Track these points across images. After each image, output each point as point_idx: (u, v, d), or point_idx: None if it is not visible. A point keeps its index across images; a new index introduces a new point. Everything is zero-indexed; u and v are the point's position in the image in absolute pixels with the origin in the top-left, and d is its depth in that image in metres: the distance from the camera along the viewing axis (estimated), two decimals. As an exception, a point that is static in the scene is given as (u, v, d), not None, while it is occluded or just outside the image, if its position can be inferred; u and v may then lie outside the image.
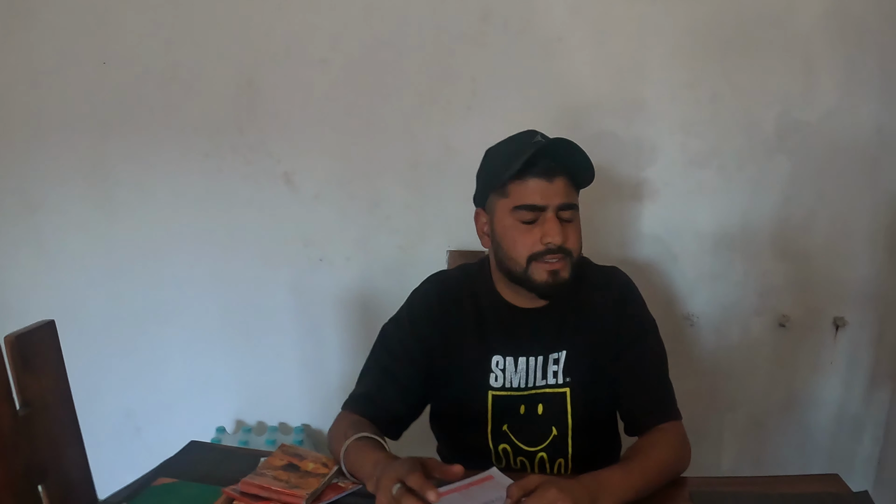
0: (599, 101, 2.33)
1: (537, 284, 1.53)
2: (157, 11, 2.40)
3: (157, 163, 2.49)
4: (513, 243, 1.53)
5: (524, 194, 1.50)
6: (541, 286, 1.53)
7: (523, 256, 1.52)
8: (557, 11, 2.29)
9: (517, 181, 1.51)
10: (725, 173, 2.35)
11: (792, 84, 2.30)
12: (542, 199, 1.50)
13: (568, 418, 1.62)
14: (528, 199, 1.50)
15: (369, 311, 2.47)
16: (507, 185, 1.52)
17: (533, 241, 1.51)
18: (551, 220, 1.50)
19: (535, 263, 1.51)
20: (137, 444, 2.57)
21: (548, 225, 1.50)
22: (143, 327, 2.58)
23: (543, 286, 1.53)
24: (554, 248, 1.50)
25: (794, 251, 2.32)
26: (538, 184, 1.50)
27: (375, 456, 1.39)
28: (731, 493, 1.45)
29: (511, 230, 1.53)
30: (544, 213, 1.51)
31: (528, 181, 1.50)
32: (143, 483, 1.47)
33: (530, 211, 1.50)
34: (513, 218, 1.52)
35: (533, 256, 1.51)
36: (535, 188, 1.50)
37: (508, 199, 1.52)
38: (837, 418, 2.44)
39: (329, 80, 2.39)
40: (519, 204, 1.51)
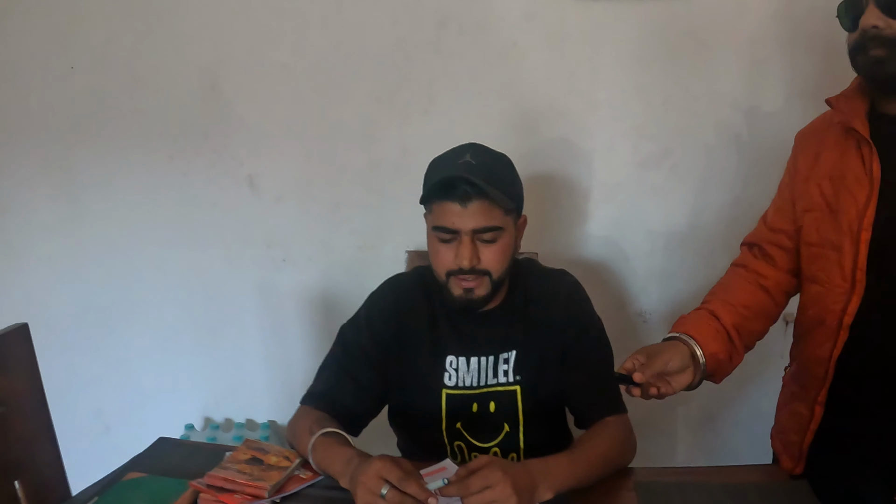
0: (553, 105, 2.39)
1: (454, 299, 1.60)
2: (123, 17, 2.43)
3: (123, 165, 2.52)
4: (434, 257, 1.61)
5: (441, 216, 1.55)
6: (456, 301, 1.60)
7: (442, 272, 1.59)
8: (512, 18, 2.34)
9: (437, 202, 1.56)
10: (676, 174, 2.42)
11: (741, 87, 2.36)
12: (456, 223, 1.54)
13: (519, 414, 1.68)
14: (444, 222, 1.55)
15: (332, 309, 2.52)
16: (431, 204, 1.58)
17: (449, 260, 1.57)
18: (465, 243, 1.54)
19: (453, 279, 1.58)
20: (107, 442, 2.60)
21: (461, 248, 1.55)
22: (112, 327, 2.61)
23: (458, 301, 1.60)
24: (466, 269, 1.56)
25: (743, 249, 2.38)
26: (453, 207, 1.53)
27: (346, 452, 1.45)
28: (674, 483, 1.51)
29: (432, 245, 1.60)
30: (459, 236, 1.55)
31: (444, 204, 1.54)
32: (113, 478, 1.51)
33: (446, 232, 1.56)
34: (433, 235, 1.59)
35: (450, 273, 1.58)
36: (451, 211, 1.53)
37: (431, 216, 1.59)
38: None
39: (291, 85, 2.43)
40: (436, 224, 1.57)
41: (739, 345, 1.61)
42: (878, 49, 1.39)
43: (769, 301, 1.68)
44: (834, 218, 1.50)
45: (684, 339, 1.54)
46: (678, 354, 1.49)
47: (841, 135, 1.54)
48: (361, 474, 1.31)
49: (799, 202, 1.62)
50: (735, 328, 1.60)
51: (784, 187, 1.71)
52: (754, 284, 1.69)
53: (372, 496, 1.28)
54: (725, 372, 1.61)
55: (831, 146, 1.56)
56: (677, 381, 1.49)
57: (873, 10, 1.39)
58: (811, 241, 1.58)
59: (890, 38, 1.38)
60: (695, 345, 1.53)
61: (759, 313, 1.66)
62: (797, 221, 1.63)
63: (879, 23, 1.38)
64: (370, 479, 1.29)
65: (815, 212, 1.55)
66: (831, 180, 1.53)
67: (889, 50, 1.38)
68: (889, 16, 1.37)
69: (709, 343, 1.54)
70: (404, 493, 1.27)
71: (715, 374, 1.58)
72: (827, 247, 1.52)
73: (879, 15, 1.38)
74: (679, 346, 1.52)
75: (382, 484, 1.28)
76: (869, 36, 1.40)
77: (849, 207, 1.47)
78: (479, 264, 1.56)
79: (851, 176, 1.49)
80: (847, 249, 1.47)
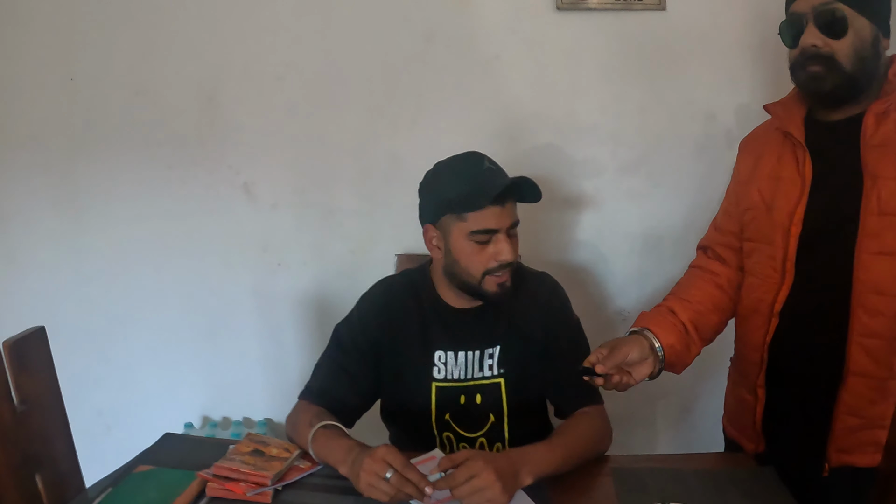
0: (535, 115, 2.49)
1: (489, 295, 1.72)
2: (122, 30, 2.48)
3: (123, 174, 2.56)
4: (469, 262, 1.69)
5: (481, 221, 1.65)
6: (491, 296, 1.72)
7: (479, 272, 1.69)
8: (496, 32, 2.45)
9: (477, 211, 1.64)
10: (652, 179, 2.53)
11: (713, 95, 2.49)
12: (496, 224, 1.66)
13: (503, 406, 1.81)
14: (485, 225, 1.65)
15: (325, 311, 2.59)
16: (466, 214, 1.66)
17: (487, 259, 1.67)
18: (504, 240, 1.67)
19: (489, 277, 1.69)
20: (108, 441, 2.61)
21: (501, 245, 1.66)
22: (113, 331, 2.65)
23: (493, 296, 1.72)
24: (507, 264, 1.68)
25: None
26: (493, 210, 1.64)
27: (346, 442, 1.57)
28: (648, 469, 1.63)
29: (467, 249, 1.68)
30: (497, 234, 1.67)
31: (485, 210, 1.64)
32: (124, 470, 1.60)
33: (487, 234, 1.66)
34: (469, 240, 1.67)
35: (487, 272, 1.68)
36: (491, 214, 1.64)
37: (466, 223, 1.66)
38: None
39: (285, 97, 2.50)
40: (477, 229, 1.65)
41: (696, 337, 1.74)
42: (816, 66, 1.52)
43: (723, 296, 1.81)
44: (769, 215, 1.65)
45: (644, 334, 1.66)
46: (637, 346, 1.61)
47: (779, 139, 1.68)
48: (367, 457, 1.42)
49: (741, 202, 1.76)
50: (691, 322, 1.73)
51: (730, 191, 1.85)
52: (709, 282, 1.82)
53: (375, 478, 1.39)
54: (684, 362, 1.73)
55: (770, 150, 1.70)
56: (638, 371, 1.61)
57: (812, 29, 1.51)
58: (749, 236, 1.73)
59: (827, 56, 1.50)
60: (653, 337, 1.65)
61: (713, 308, 1.79)
62: (741, 221, 1.76)
63: (818, 42, 1.51)
64: (376, 462, 1.40)
65: (754, 210, 1.70)
66: (769, 181, 1.67)
67: (826, 67, 1.51)
68: (827, 35, 1.50)
69: (666, 336, 1.66)
70: (406, 479, 1.39)
71: (675, 365, 1.70)
72: (762, 241, 1.67)
73: (818, 34, 1.51)
74: (639, 339, 1.64)
75: (387, 468, 1.39)
76: (808, 54, 1.52)
77: (782, 205, 1.61)
78: (513, 257, 1.69)
79: (786, 177, 1.63)
80: (778, 243, 1.61)
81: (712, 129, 2.51)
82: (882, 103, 1.52)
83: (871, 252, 1.49)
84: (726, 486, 1.54)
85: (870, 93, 1.55)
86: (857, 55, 1.50)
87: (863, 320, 1.51)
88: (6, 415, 1.45)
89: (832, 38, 1.50)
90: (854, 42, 1.50)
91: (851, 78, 1.51)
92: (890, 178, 1.48)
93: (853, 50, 1.50)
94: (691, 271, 1.90)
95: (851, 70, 1.50)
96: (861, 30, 1.50)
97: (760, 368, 1.69)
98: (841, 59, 1.50)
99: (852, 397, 1.54)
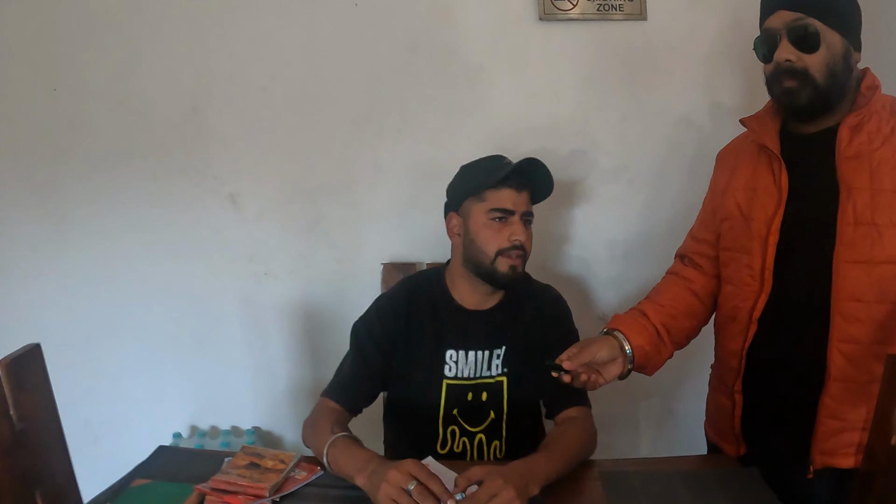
0: (518, 124, 2.52)
1: (500, 276, 1.85)
2: (105, 40, 2.48)
3: (108, 185, 2.55)
4: (485, 239, 1.84)
5: (499, 200, 1.84)
6: (502, 276, 1.85)
7: (493, 250, 1.84)
8: (479, 42, 2.48)
9: (494, 189, 1.84)
10: (633, 186, 2.58)
11: (692, 104, 2.54)
12: (512, 205, 1.85)
13: (504, 403, 1.91)
14: (502, 204, 1.84)
15: (312, 319, 2.62)
16: (485, 192, 1.85)
17: (502, 238, 1.84)
18: (518, 223, 1.86)
19: (501, 258, 1.84)
20: (96, 452, 2.57)
21: (515, 226, 1.85)
22: (99, 341, 2.64)
23: (504, 277, 1.85)
24: (518, 245, 1.83)
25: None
26: (510, 193, 1.85)
27: (366, 453, 1.62)
28: (635, 472, 1.67)
29: (484, 228, 1.85)
30: (513, 216, 1.85)
31: (502, 190, 1.84)
32: (121, 485, 1.62)
33: (504, 213, 1.84)
34: (487, 218, 1.85)
35: (500, 251, 1.84)
36: (508, 196, 1.84)
37: (485, 202, 1.85)
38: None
39: (270, 107, 2.51)
40: (494, 207, 1.84)
41: (668, 341, 1.79)
42: (791, 81, 1.57)
43: (696, 302, 1.87)
44: (746, 225, 1.70)
45: (614, 335, 1.72)
46: (607, 346, 1.67)
47: (755, 151, 1.74)
48: (392, 469, 1.46)
49: (718, 212, 1.81)
50: (663, 325, 1.78)
51: (707, 201, 1.92)
52: (683, 288, 1.88)
53: (397, 490, 1.43)
54: (655, 364, 1.79)
55: (746, 161, 1.76)
56: (608, 371, 1.67)
57: (786, 44, 1.56)
58: (726, 246, 1.77)
59: (801, 71, 1.56)
60: (623, 339, 1.71)
61: (686, 313, 1.84)
62: (717, 231, 1.82)
63: (792, 57, 1.56)
64: (401, 474, 1.45)
65: (731, 220, 1.75)
66: (745, 192, 1.72)
67: (800, 81, 1.56)
68: (800, 50, 1.55)
69: (636, 337, 1.72)
70: (428, 492, 1.43)
71: (645, 367, 1.76)
72: (739, 251, 1.72)
73: (791, 49, 1.56)
74: (609, 339, 1.70)
75: (411, 480, 1.44)
76: (782, 69, 1.58)
77: (759, 215, 1.66)
78: (526, 242, 1.84)
79: (763, 188, 1.68)
80: (756, 252, 1.66)
81: (691, 137, 2.55)
82: (856, 116, 1.57)
83: (848, 261, 1.54)
84: (712, 487, 1.59)
85: (843, 106, 1.61)
86: (829, 69, 1.55)
87: (841, 327, 1.56)
88: (5, 433, 1.46)
89: (805, 53, 1.55)
90: (826, 56, 1.55)
91: (824, 92, 1.56)
92: (864, 188, 1.53)
93: (825, 64, 1.55)
94: (667, 277, 1.96)
95: (824, 84, 1.56)
96: (833, 45, 1.55)
97: (738, 374, 1.74)
98: (814, 73, 1.55)
99: (834, 402, 1.58)
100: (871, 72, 1.64)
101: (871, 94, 1.60)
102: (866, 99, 1.59)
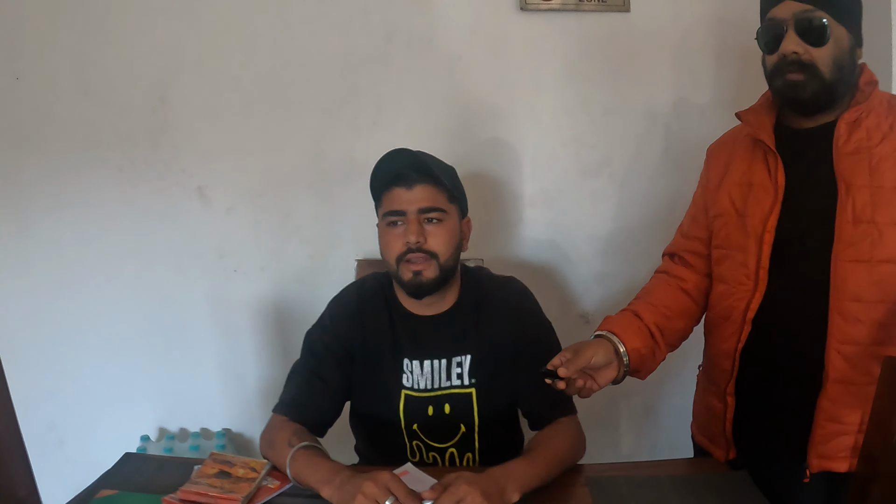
0: (497, 116, 2.47)
1: (405, 283, 1.71)
2: (70, 28, 2.41)
3: (71, 177, 2.48)
4: (385, 246, 1.72)
5: (391, 202, 1.70)
6: (407, 285, 1.70)
7: (393, 258, 1.70)
8: (457, 32, 2.42)
9: (386, 192, 1.71)
10: (615, 181, 2.53)
11: (676, 98, 2.50)
12: (403, 205, 1.68)
13: (474, 416, 1.77)
14: (393, 206, 1.69)
15: (284, 317, 2.55)
16: (381, 197, 1.73)
17: (398, 243, 1.68)
18: (412, 221, 1.68)
19: (403, 265, 1.69)
20: (62, 456, 2.56)
21: (408, 226, 1.67)
22: (63, 340, 2.57)
23: (409, 285, 1.70)
24: (414, 248, 1.66)
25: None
26: (400, 192, 1.68)
27: (330, 463, 1.53)
28: (623, 477, 1.61)
29: (384, 235, 1.73)
30: (405, 216, 1.68)
31: (392, 191, 1.69)
32: (85, 496, 1.52)
33: (395, 215, 1.69)
34: (384, 224, 1.72)
35: (399, 258, 1.68)
36: (398, 196, 1.69)
37: (382, 207, 1.73)
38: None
39: (240, 97, 2.45)
40: (387, 210, 1.70)
41: (662, 342, 1.72)
42: (797, 74, 1.52)
43: (689, 302, 1.80)
44: (741, 222, 1.64)
45: (608, 337, 1.64)
46: (602, 350, 1.59)
47: (749, 146, 1.68)
48: (368, 481, 1.37)
49: (710, 209, 1.75)
50: (657, 326, 1.71)
51: (698, 197, 1.85)
52: (675, 288, 1.81)
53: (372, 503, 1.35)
54: (649, 368, 1.72)
55: (740, 156, 1.70)
56: (602, 376, 1.59)
57: (793, 36, 1.51)
58: (720, 243, 1.72)
59: (807, 64, 1.50)
60: (618, 341, 1.63)
61: (679, 313, 1.78)
62: (710, 227, 1.76)
63: (798, 49, 1.50)
64: (378, 488, 1.35)
65: (725, 217, 1.69)
66: (740, 187, 1.67)
67: (806, 74, 1.51)
68: (808, 43, 1.50)
69: (631, 339, 1.65)
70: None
71: (640, 370, 1.69)
72: (734, 248, 1.66)
73: (798, 41, 1.50)
74: (603, 342, 1.62)
75: (388, 495, 1.35)
76: (788, 61, 1.52)
77: (755, 212, 1.61)
78: (425, 243, 1.67)
79: (758, 183, 1.63)
80: (752, 250, 1.61)
81: (674, 131, 2.52)
82: (854, 112, 1.53)
83: (848, 260, 1.50)
84: (701, 491, 1.54)
85: (842, 102, 1.56)
86: (836, 64, 1.51)
87: (841, 327, 1.51)
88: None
89: (813, 46, 1.50)
90: (834, 51, 1.50)
91: (830, 86, 1.52)
92: (864, 185, 1.49)
93: (833, 59, 1.50)
94: (657, 276, 1.88)
95: (830, 78, 1.51)
96: (840, 38, 1.51)
97: (731, 376, 1.68)
98: (821, 67, 1.50)
99: (832, 404, 1.54)
100: (868, 67, 1.60)
101: (869, 90, 1.56)
102: (865, 94, 1.55)
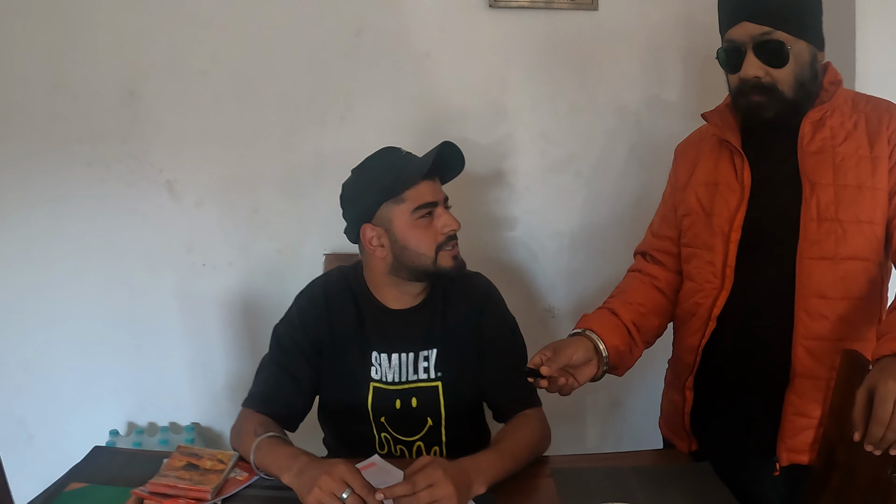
0: (465, 112, 2.49)
1: (448, 271, 1.74)
2: (39, 21, 2.38)
3: (39, 172, 2.46)
4: (419, 240, 1.71)
5: (420, 196, 1.70)
6: (449, 271, 1.75)
7: (431, 249, 1.72)
8: (427, 28, 2.44)
9: (413, 188, 1.70)
10: (581, 178, 2.56)
11: (642, 95, 2.53)
12: (433, 197, 1.72)
13: (441, 409, 1.79)
14: (424, 199, 1.70)
15: (252, 312, 2.56)
16: (406, 191, 1.70)
17: (436, 233, 1.72)
18: (445, 212, 1.74)
19: (442, 253, 1.72)
20: (31, 451, 2.56)
21: (444, 217, 1.72)
22: (31, 335, 2.55)
23: (451, 270, 1.75)
24: (453, 234, 1.74)
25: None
26: (427, 184, 1.72)
27: (290, 450, 1.54)
28: (587, 469, 1.64)
29: (414, 229, 1.71)
30: (437, 208, 1.72)
31: (420, 184, 1.70)
32: (56, 489, 1.53)
33: (428, 207, 1.71)
34: (413, 218, 1.70)
35: (439, 247, 1.72)
36: (426, 189, 1.71)
37: (406, 203, 1.70)
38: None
39: (210, 92, 2.44)
40: (418, 205, 1.70)
41: (639, 339, 1.75)
42: (758, 96, 1.53)
43: (663, 299, 1.83)
44: (708, 221, 1.67)
45: (588, 335, 1.66)
46: (582, 348, 1.61)
47: (716, 146, 1.71)
48: (324, 474, 1.37)
49: (679, 208, 1.78)
50: (633, 324, 1.74)
51: (667, 197, 1.87)
52: (648, 285, 1.83)
53: (329, 496, 1.36)
54: (627, 364, 1.74)
55: (707, 156, 1.73)
56: (582, 373, 1.61)
57: (752, 59, 1.52)
58: (688, 242, 1.75)
59: (769, 86, 1.52)
60: (597, 339, 1.65)
61: (654, 310, 1.80)
62: (679, 226, 1.79)
63: (759, 72, 1.52)
64: (334, 480, 1.36)
65: (692, 216, 1.72)
66: (706, 187, 1.69)
67: (767, 96, 1.53)
68: (768, 65, 1.51)
69: (610, 337, 1.67)
70: (363, 501, 1.35)
71: (618, 367, 1.71)
72: (701, 247, 1.69)
73: (759, 65, 1.52)
74: (583, 340, 1.64)
75: (345, 488, 1.35)
76: (749, 84, 1.54)
77: (721, 211, 1.64)
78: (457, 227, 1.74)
79: (724, 183, 1.65)
80: (718, 249, 1.64)
81: (641, 129, 2.55)
82: (818, 111, 1.56)
83: (813, 257, 1.53)
84: (665, 482, 1.57)
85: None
86: (797, 81, 1.52)
87: (806, 323, 1.54)
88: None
89: (773, 68, 1.51)
90: (795, 69, 1.52)
91: (793, 104, 1.54)
92: (828, 184, 1.52)
93: (794, 76, 1.52)
94: (630, 275, 1.91)
95: (793, 97, 1.53)
96: (800, 54, 1.52)
97: (692, 371, 1.72)
98: (783, 88, 1.52)
99: (799, 399, 1.57)
100: (832, 66, 1.62)
101: (833, 89, 1.58)
102: (829, 94, 1.57)
